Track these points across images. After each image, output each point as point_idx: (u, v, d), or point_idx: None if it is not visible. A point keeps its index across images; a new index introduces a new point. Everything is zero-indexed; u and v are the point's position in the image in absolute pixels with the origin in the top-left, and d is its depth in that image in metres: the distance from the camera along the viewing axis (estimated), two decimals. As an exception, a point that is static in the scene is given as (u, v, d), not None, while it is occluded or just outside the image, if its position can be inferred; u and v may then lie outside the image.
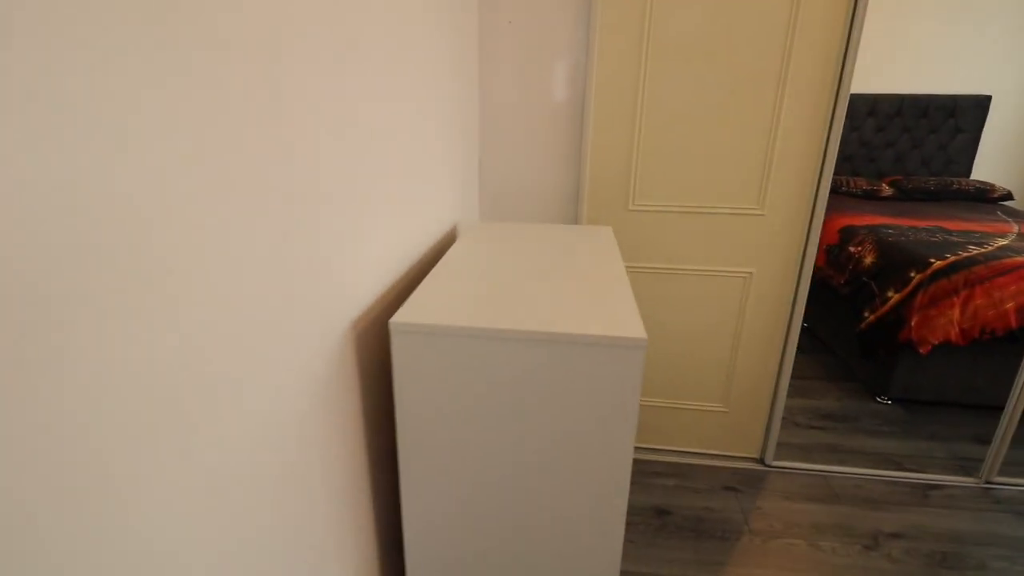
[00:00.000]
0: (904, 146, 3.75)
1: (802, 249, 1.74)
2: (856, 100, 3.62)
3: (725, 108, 1.63)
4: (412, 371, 0.82)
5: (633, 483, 1.86)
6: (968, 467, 1.96)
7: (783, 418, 2.23)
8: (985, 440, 2.08)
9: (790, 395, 2.42)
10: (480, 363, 0.80)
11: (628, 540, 1.61)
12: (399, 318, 0.81)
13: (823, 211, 1.67)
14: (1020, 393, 1.78)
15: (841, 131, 1.60)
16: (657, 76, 1.63)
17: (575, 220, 1.83)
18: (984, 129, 3.66)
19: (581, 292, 0.94)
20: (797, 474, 1.92)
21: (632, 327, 0.79)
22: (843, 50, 1.54)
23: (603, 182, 1.76)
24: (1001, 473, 1.89)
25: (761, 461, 1.98)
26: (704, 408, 1.97)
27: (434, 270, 1.05)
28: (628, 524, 1.67)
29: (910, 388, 2.33)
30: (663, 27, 1.58)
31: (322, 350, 0.73)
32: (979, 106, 3.60)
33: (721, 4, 1.54)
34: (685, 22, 1.57)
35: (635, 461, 1.97)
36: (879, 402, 2.37)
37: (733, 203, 1.73)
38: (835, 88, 1.58)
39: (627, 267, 1.83)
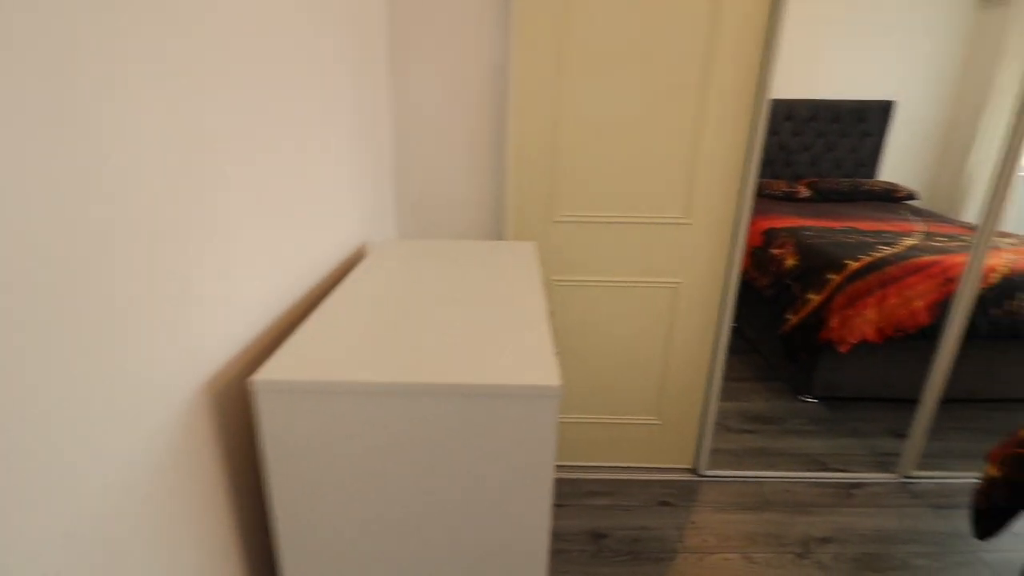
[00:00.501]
0: (819, 149, 3.92)
1: (729, 256, 1.72)
2: (775, 105, 3.74)
3: (648, 116, 1.59)
4: (285, 437, 0.69)
5: (567, 505, 1.79)
6: (887, 463, 2.03)
7: (715, 423, 2.24)
8: (901, 434, 2.16)
9: (722, 399, 2.44)
10: (366, 422, 0.68)
11: (562, 571, 1.53)
12: (264, 375, 0.68)
13: (748, 218, 1.66)
14: (933, 388, 1.85)
15: (764, 138, 1.60)
16: (577, 83, 1.56)
17: (501, 233, 1.74)
18: (889, 133, 3.88)
19: (491, 326, 0.84)
20: (729, 482, 1.92)
21: (544, 372, 0.69)
22: (763, 58, 1.53)
23: (527, 193, 1.68)
24: (918, 467, 1.96)
25: (695, 471, 1.96)
26: (637, 421, 1.92)
27: (323, 305, 0.92)
28: (562, 552, 1.59)
29: (831, 386, 2.40)
30: (581, 33, 1.51)
31: (160, 427, 0.59)
32: (884, 111, 3.82)
33: (640, 12, 1.49)
34: (603, 29, 1.51)
35: (569, 481, 1.90)
36: (803, 401, 2.43)
37: (660, 212, 1.69)
38: (756, 95, 1.57)
39: (555, 280, 1.76)
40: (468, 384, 0.66)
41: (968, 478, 1.93)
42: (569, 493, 1.84)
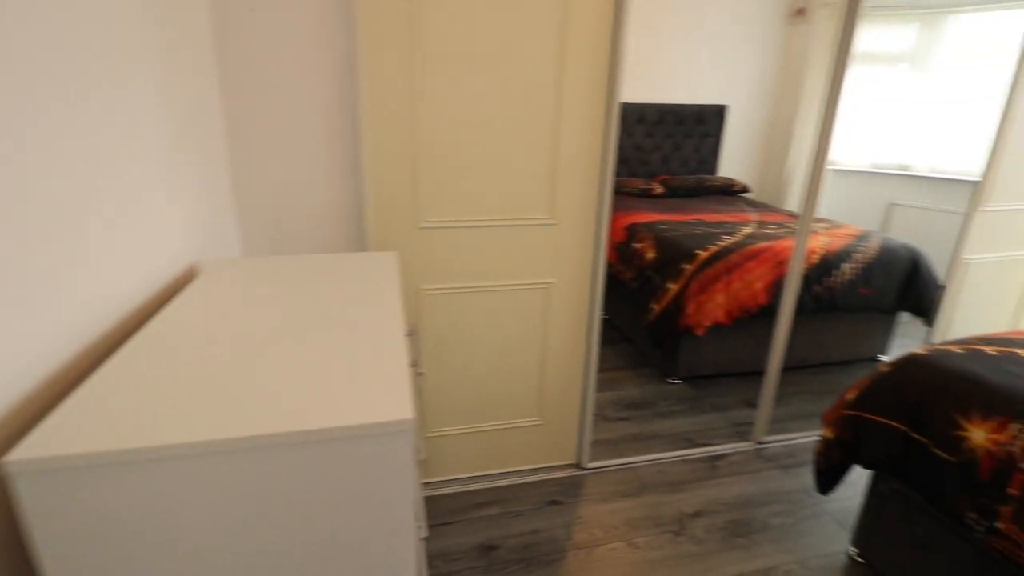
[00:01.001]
0: (668, 149, 4.26)
1: (594, 254, 1.77)
2: (629, 109, 3.99)
3: (508, 118, 1.57)
4: (62, 526, 0.53)
5: (454, 521, 1.72)
6: (743, 432, 2.23)
7: (595, 414, 2.31)
8: (753, 404, 2.39)
9: (599, 389, 2.53)
10: (177, 492, 0.55)
11: (452, 595, 1.46)
12: (20, 454, 0.52)
13: (608, 216, 1.71)
14: (774, 359, 2.06)
15: (617, 139, 1.65)
16: (434, 83, 1.49)
17: (363, 243, 1.61)
18: (724, 134, 4.33)
19: (336, 356, 0.74)
20: (611, 471, 1.98)
21: (396, 404, 0.61)
22: (611, 63, 1.58)
23: (389, 200, 1.57)
24: (768, 433, 2.18)
25: (579, 465, 2.00)
26: (520, 424, 1.91)
27: (125, 347, 0.75)
28: (451, 574, 1.52)
29: (693, 366, 2.60)
30: (434, 31, 1.44)
31: None
32: (718, 114, 4.25)
33: (492, 13, 1.46)
34: (457, 28, 1.45)
35: (454, 496, 1.83)
36: (670, 383, 2.60)
37: (526, 214, 1.68)
38: (607, 98, 1.62)
39: (425, 290, 1.67)
40: (303, 431, 0.56)
41: (808, 437, 2.18)
42: (456, 509, 1.77)
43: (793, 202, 4.18)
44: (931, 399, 1.31)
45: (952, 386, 1.29)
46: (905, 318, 2.82)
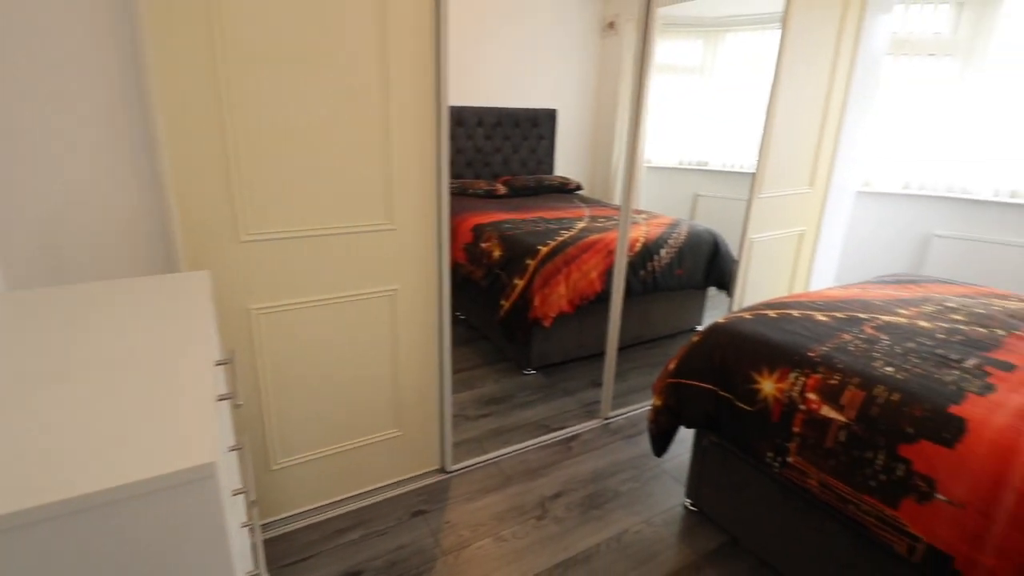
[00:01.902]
0: (508, 151, 4.42)
1: (438, 256, 1.76)
2: (467, 112, 4.06)
3: (334, 122, 1.48)
4: None
5: (313, 555, 1.59)
6: (592, 411, 2.41)
7: (455, 416, 2.32)
8: (598, 383, 2.59)
9: (459, 389, 2.54)
10: None
11: (313, 634, 1.35)
12: None
13: (448, 216, 1.72)
14: (611, 340, 2.25)
15: (448, 141, 1.66)
16: (244, 85, 1.35)
17: (173, 263, 1.41)
18: (557, 135, 4.62)
19: (122, 398, 0.63)
20: (475, 470, 2.00)
21: (192, 448, 0.53)
22: (436, 67, 1.58)
23: (200, 213, 1.40)
24: (612, 408, 2.37)
25: (443, 470, 1.98)
26: (378, 439, 1.84)
27: None
28: (312, 612, 1.41)
29: (544, 356, 2.74)
30: (236, 26, 1.31)
31: None
32: (550, 117, 4.52)
33: (301, 16, 1.37)
34: (262, 23, 1.34)
35: (311, 527, 1.70)
36: (526, 374, 2.71)
37: (363, 220, 1.61)
38: (436, 101, 1.62)
39: (255, 310, 1.52)
40: (63, 500, 0.47)
41: (645, 407, 2.42)
42: (313, 541, 1.65)
43: (619, 197, 4.61)
44: (731, 360, 1.53)
45: (745, 347, 1.52)
46: (713, 292, 3.28)
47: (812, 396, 1.34)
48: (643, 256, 2.77)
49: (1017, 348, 1.45)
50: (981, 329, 1.56)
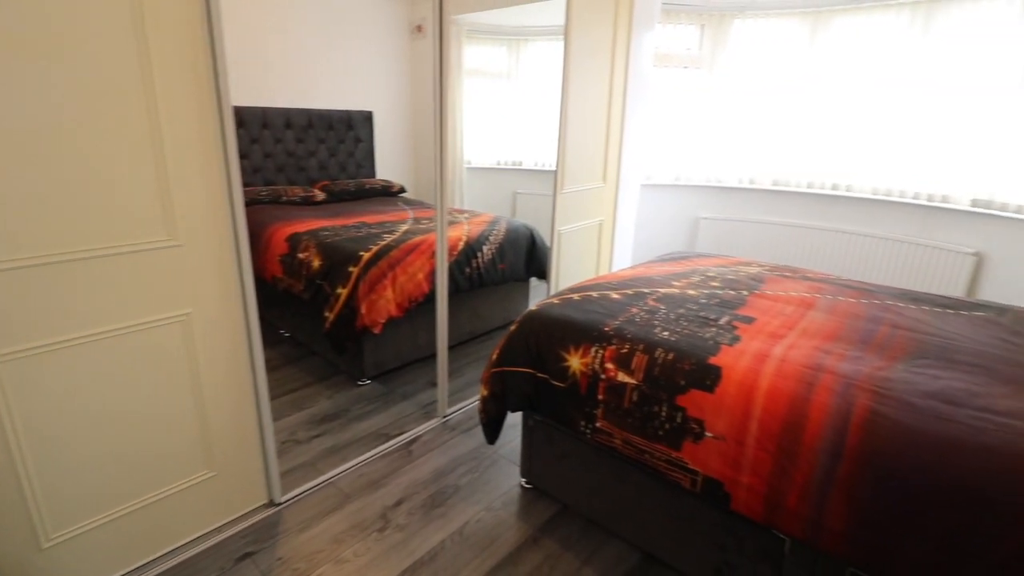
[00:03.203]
0: (323, 155, 4.21)
1: (239, 270, 1.61)
2: (272, 114, 3.76)
3: (87, 123, 1.26)
4: None
5: (110, 634, 1.36)
6: (430, 411, 2.42)
7: (284, 442, 2.15)
8: (435, 383, 2.61)
9: (288, 412, 2.37)
10: None
11: None
12: None
13: (244, 227, 1.57)
14: (441, 339, 2.29)
15: (235, 144, 1.52)
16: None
17: None
18: (375, 138, 4.52)
19: None
20: (310, 495, 1.88)
21: None
22: (214, 67, 1.44)
23: None
24: (449, 405, 2.41)
25: (272, 503, 1.83)
26: (188, 484, 1.62)
27: None
28: None
29: (379, 364, 2.68)
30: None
31: None
32: (366, 119, 4.41)
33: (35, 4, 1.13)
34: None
35: (105, 603, 1.45)
36: (361, 385, 2.63)
37: (138, 238, 1.40)
38: (217, 102, 1.47)
39: (4, 355, 1.23)
40: None
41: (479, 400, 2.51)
42: (109, 618, 1.40)
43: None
44: (543, 343, 1.66)
45: (554, 330, 1.66)
46: (535, 282, 3.51)
47: (610, 365, 1.51)
48: (467, 254, 2.85)
49: (756, 304, 1.81)
50: (731, 292, 1.92)
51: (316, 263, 2.63)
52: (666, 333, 1.55)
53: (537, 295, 3.60)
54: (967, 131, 3.05)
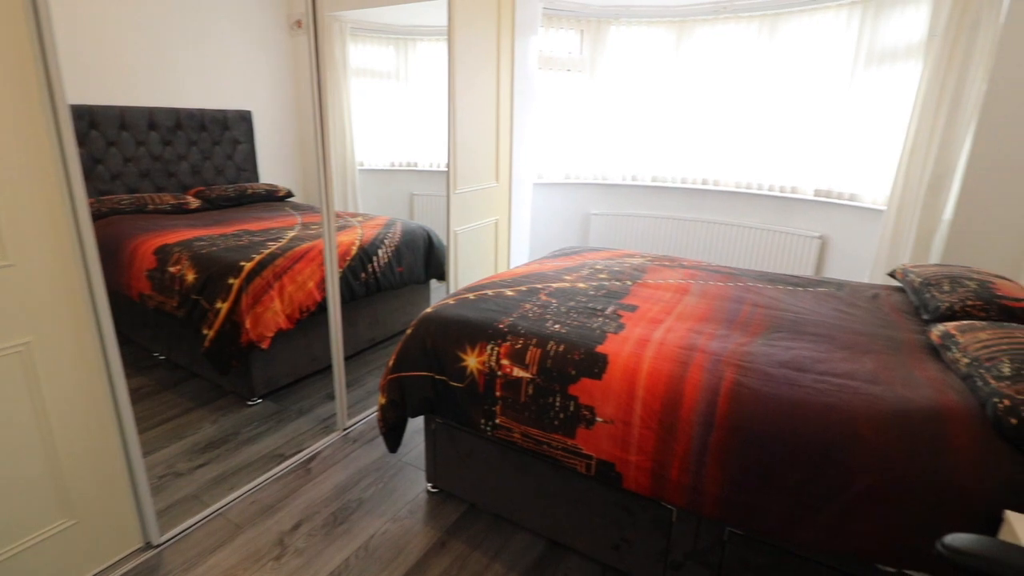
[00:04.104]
0: (196, 158, 3.86)
1: (87, 289, 1.43)
2: (133, 114, 3.38)
3: None
4: None
5: None
6: (330, 425, 2.32)
7: (161, 476, 1.96)
8: (334, 395, 2.50)
9: (166, 443, 2.15)
10: None
11: None
12: None
13: (92, 240, 1.40)
14: (337, 349, 2.20)
15: (76, 147, 1.35)
16: None
17: None
18: (256, 139, 4.23)
19: None
20: (195, 531, 1.72)
21: None
22: (44, 61, 1.26)
23: None
24: (349, 417, 2.33)
25: (149, 544, 1.65)
26: (42, 537, 1.42)
27: None
28: None
29: (271, 381, 2.52)
30: None
31: None
32: (245, 120, 4.11)
33: None
34: None
35: None
36: (251, 405, 2.45)
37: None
38: (48, 98, 1.29)
39: None
40: None
41: (384, 407, 2.44)
42: None
43: (338, 202, 4.50)
44: (440, 345, 1.65)
45: (450, 330, 1.66)
46: (436, 284, 3.49)
47: (505, 362, 1.54)
48: (361, 259, 2.76)
49: (639, 293, 1.93)
50: (617, 283, 2.03)
51: (190, 277, 2.41)
52: (557, 326, 1.60)
53: (438, 297, 3.57)
54: (808, 129, 3.47)
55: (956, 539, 0.76)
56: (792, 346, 1.51)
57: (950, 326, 1.50)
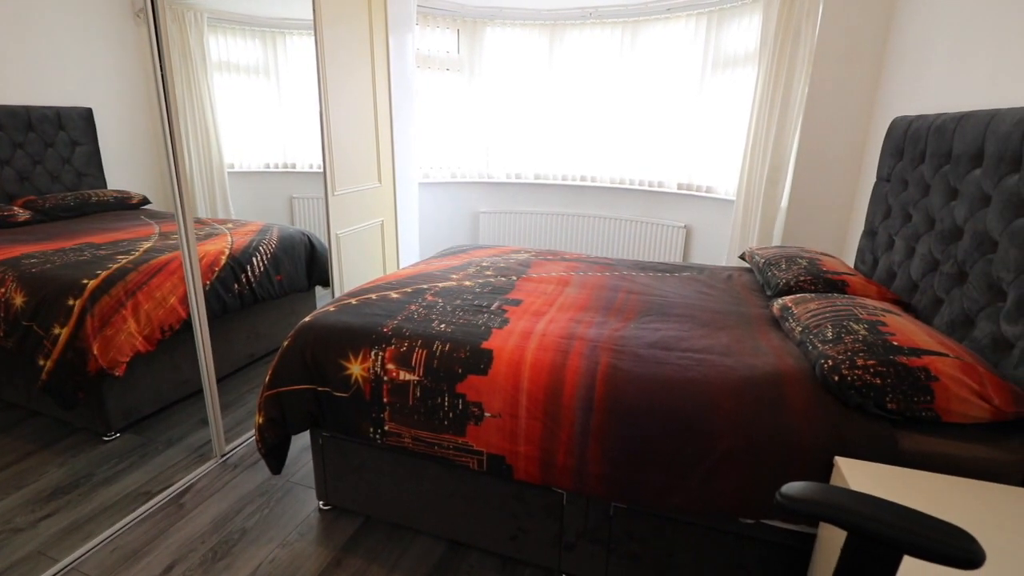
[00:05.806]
0: (24, 163, 3.33)
1: None
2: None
3: None
4: None
5: None
6: (205, 453, 2.12)
7: (-11, 538, 1.68)
8: (208, 420, 2.29)
9: (2, 494, 1.84)
10: None
11: None
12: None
13: None
14: (206, 369, 2.01)
15: None
16: None
17: None
18: (100, 141, 3.74)
19: None
20: (36, 593, 1.49)
21: None
22: None
23: None
24: (228, 441, 2.14)
25: (-26, 618, 1.40)
26: None
27: None
28: None
29: (130, 411, 2.25)
30: None
31: None
32: (84, 118, 3.62)
33: None
34: None
35: None
36: (108, 440, 2.17)
37: None
38: None
39: None
40: None
41: (268, 426, 2.28)
42: None
43: (205, 207, 4.12)
44: (320, 355, 1.58)
45: (331, 338, 1.59)
46: (321, 291, 3.32)
47: (391, 366, 1.51)
48: (233, 269, 2.55)
49: (523, 287, 1.98)
50: (503, 278, 2.07)
51: (18, 300, 2.07)
52: (443, 326, 1.60)
53: (325, 304, 3.40)
54: (669, 128, 3.78)
55: (791, 488, 0.86)
56: (660, 327, 1.63)
57: (787, 299, 1.71)
